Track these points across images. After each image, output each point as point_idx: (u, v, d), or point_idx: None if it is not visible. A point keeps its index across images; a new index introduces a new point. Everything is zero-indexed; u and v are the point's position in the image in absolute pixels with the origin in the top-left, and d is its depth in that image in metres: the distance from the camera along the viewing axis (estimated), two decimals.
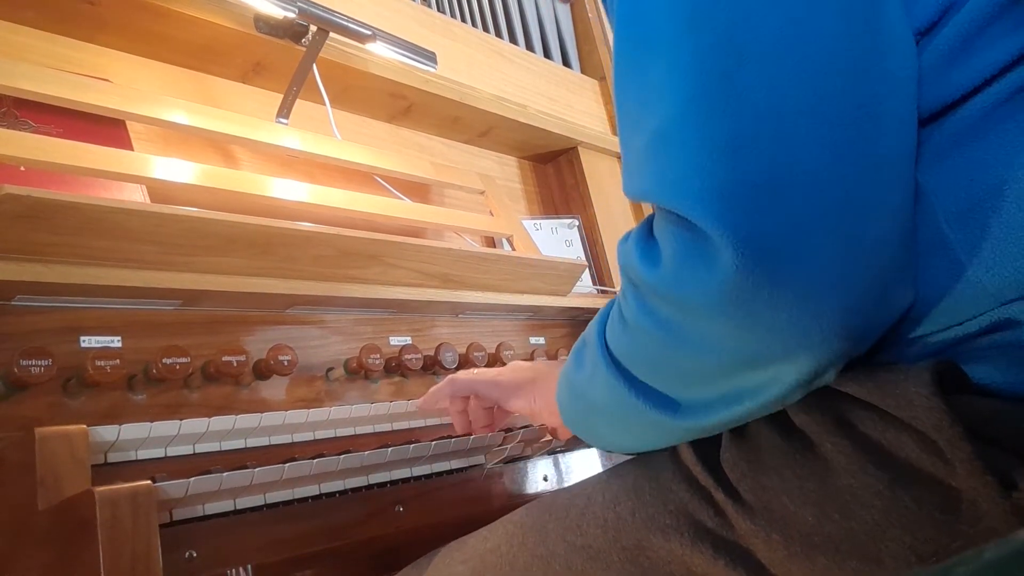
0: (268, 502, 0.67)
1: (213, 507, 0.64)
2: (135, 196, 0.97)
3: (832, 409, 0.52)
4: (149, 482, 0.56)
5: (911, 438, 0.48)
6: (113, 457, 0.70)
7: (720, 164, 0.44)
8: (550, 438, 0.90)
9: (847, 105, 0.44)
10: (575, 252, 1.69)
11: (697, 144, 0.45)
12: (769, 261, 0.44)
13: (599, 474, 0.68)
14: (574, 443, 0.94)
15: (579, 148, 1.80)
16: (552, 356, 1.28)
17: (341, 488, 0.73)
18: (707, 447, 0.58)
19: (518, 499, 0.85)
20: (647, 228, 0.52)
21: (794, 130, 0.43)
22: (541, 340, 1.31)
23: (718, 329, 0.48)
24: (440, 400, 0.86)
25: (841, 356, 0.49)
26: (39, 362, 0.69)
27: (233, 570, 0.62)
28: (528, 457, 0.92)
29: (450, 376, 0.85)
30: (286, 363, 0.87)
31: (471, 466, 0.86)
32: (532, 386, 0.80)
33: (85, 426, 0.62)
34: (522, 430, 0.87)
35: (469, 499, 0.82)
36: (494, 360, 1.16)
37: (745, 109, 0.43)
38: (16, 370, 0.68)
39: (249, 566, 0.63)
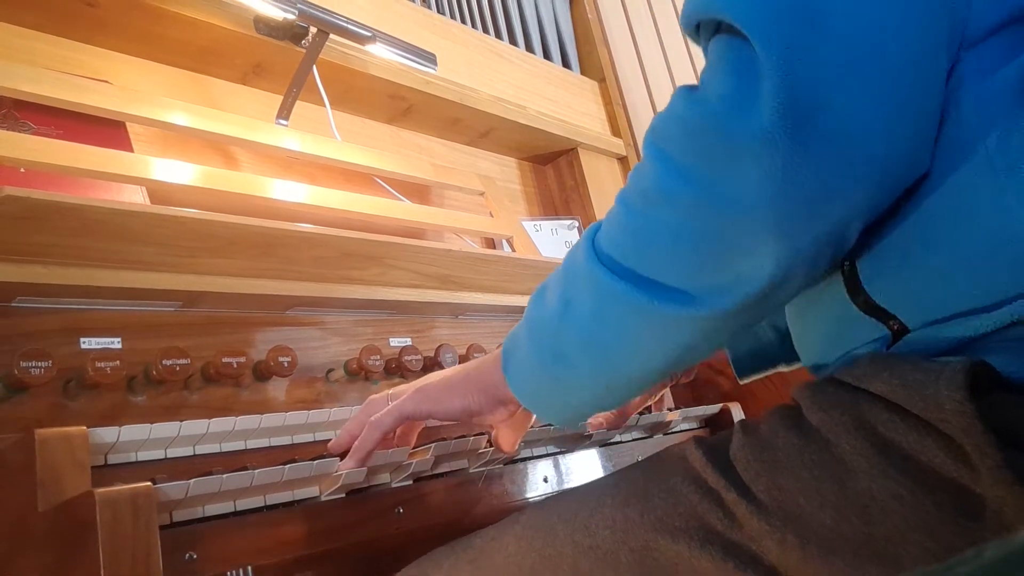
0: (268, 504, 0.67)
1: (213, 508, 0.64)
2: (135, 198, 0.97)
3: (850, 408, 0.51)
4: (149, 484, 0.56)
5: (935, 442, 0.46)
6: (113, 459, 0.69)
7: None
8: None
9: None
10: None
11: None
12: (816, 85, 0.44)
13: (607, 476, 0.67)
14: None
15: (579, 149, 1.80)
16: None
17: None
18: (715, 449, 0.57)
19: (519, 501, 0.85)
20: (687, 88, 0.52)
21: None
22: None
23: (762, 167, 0.47)
24: (373, 446, 0.71)
25: (865, 214, 0.50)
26: (39, 363, 0.69)
27: (233, 571, 0.62)
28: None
29: (371, 422, 0.71)
30: (286, 364, 0.87)
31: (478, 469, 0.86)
32: (467, 381, 0.70)
33: (85, 427, 0.62)
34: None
35: (470, 500, 0.81)
36: None
37: None
38: (16, 371, 0.67)
39: (249, 567, 0.62)
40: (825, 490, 0.50)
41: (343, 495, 0.71)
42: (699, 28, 0.52)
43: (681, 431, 1.16)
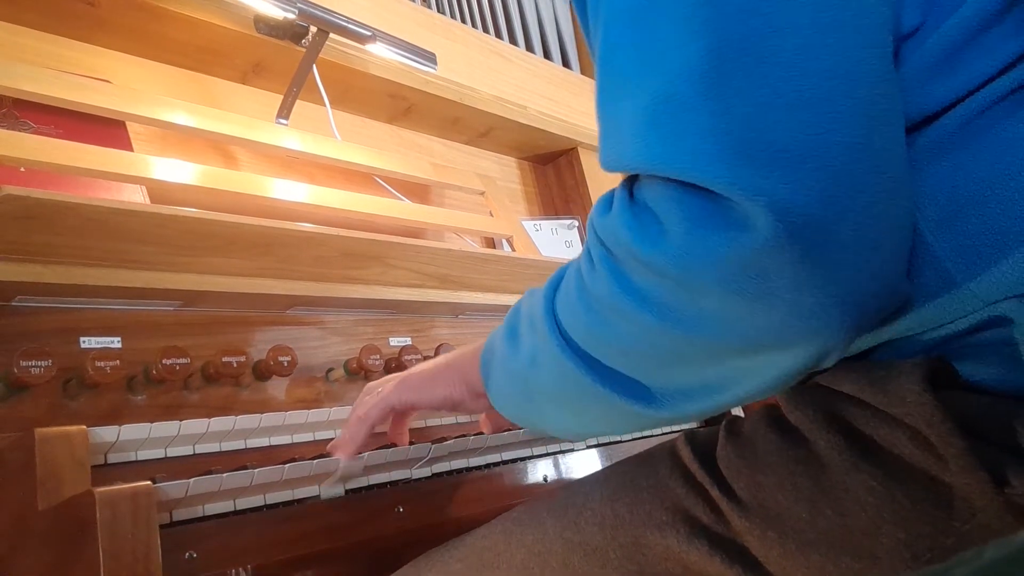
0: (268, 503, 0.67)
1: (213, 508, 0.64)
2: (135, 197, 0.97)
3: (826, 406, 0.52)
4: (149, 483, 0.56)
5: (904, 434, 0.48)
6: (113, 458, 0.70)
7: (752, 128, 0.41)
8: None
9: (876, 77, 0.43)
10: (575, 253, 1.69)
11: (723, 108, 0.41)
12: (804, 233, 0.41)
13: (596, 472, 0.68)
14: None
15: (579, 149, 1.80)
16: None
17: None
18: (704, 444, 0.58)
19: (519, 499, 0.85)
20: (629, 197, 0.48)
21: (830, 97, 0.41)
22: None
23: (725, 309, 0.44)
24: (363, 439, 0.73)
25: (844, 345, 0.46)
26: (39, 363, 0.69)
27: (233, 570, 0.62)
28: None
29: (357, 416, 0.72)
30: (286, 364, 0.87)
31: (481, 466, 0.86)
32: (448, 372, 0.70)
33: (85, 427, 0.62)
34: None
35: (470, 499, 0.81)
36: None
37: (776, 73, 0.41)
38: (16, 371, 0.67)
39: (249, 566, 0.62)
40: (801, 485, 0.51)
41: (343, 494, 0.71)
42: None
43: (680, 429, 1.16)
